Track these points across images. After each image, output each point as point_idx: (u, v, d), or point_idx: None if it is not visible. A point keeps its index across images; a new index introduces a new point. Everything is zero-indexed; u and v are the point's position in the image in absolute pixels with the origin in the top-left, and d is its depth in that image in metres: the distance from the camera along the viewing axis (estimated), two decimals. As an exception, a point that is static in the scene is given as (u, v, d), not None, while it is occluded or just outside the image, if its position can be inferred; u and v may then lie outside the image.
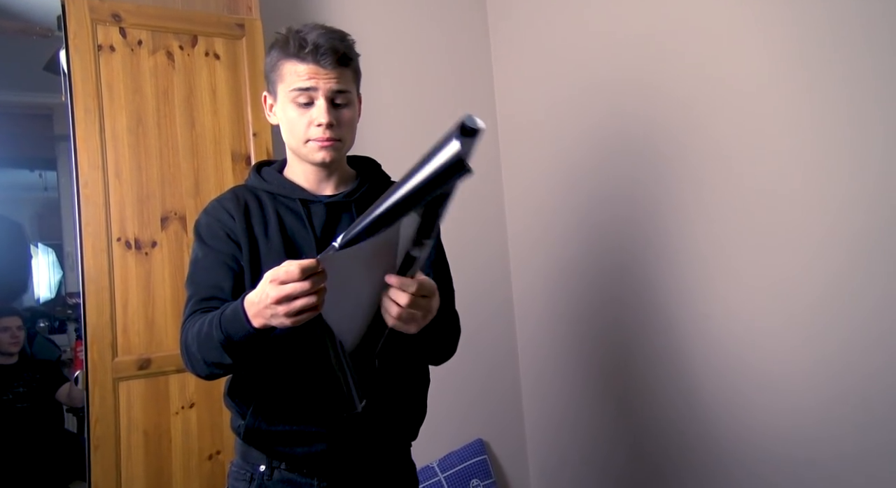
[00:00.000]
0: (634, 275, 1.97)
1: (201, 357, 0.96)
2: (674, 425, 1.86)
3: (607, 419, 2.10)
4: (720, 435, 1.73)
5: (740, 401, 1.67)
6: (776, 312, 1.58)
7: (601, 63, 2.04)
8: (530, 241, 2.41)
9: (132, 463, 1.65)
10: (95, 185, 1.71)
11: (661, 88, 1.83)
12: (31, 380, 2.62)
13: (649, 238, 1.91)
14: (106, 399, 1.64)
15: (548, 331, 2.35)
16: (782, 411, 1.58)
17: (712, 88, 1.69)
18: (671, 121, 1.81)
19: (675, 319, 1.85)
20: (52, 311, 3.12)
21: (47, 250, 3.54)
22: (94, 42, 1.72)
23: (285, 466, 1.07)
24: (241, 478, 1.10)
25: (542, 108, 2.31)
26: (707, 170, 1.73)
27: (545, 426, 2.38)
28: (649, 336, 1.92)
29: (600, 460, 2.13)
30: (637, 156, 1.93)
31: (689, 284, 1.80)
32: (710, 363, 1.75)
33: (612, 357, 2.08)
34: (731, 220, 1.67)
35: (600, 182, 2.07)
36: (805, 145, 1.51)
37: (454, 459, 2.27)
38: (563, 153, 2.22)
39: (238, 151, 1.89)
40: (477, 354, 2.39)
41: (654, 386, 1.91)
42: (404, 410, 1.15)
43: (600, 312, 2.11)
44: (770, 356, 1.60)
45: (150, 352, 1.71)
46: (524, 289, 2.45)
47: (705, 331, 1.76)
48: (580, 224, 2.17)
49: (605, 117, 2.04)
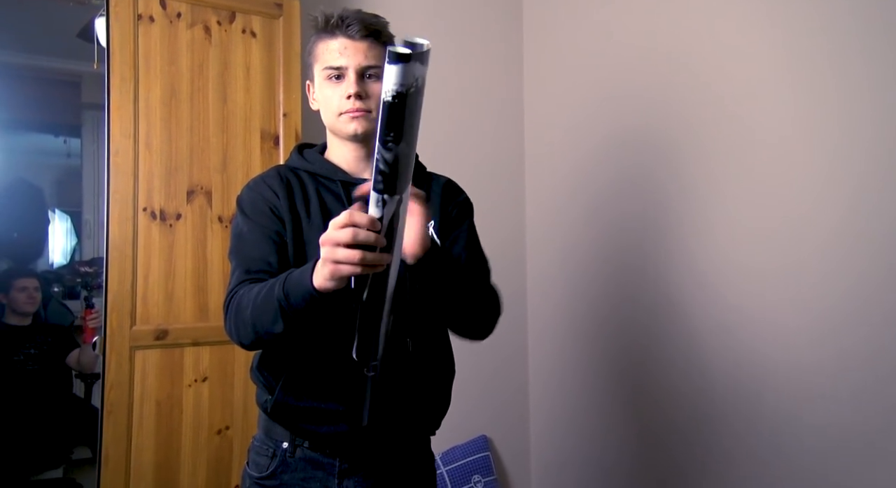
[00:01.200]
0: (648, 274, 1.97)
1: (252, 322, 0.96)
2: (682, 431, 1.86)
3: (614, 422, 2.10)
4: (731, 445, 1.73)
5: (756, 407, 1.67)
6: (794, 312, 1.58)
7: (627, 72, 2.04)
8: (546, 239, 2.41)
9: (143, 432, 1.66)
10: (126, 154, 1.71)
11: (683, 95, 1.83)
12: (43, 344, 2.64)
13: (663, 238, 1.91)
14: (122, 366, 1.65)
15: (559, 330, 2.35)
16: (800, 418, 1.57)
17: (729, 93, 1.69)
18: (691, 125, 1.81)
19: (688, 321, 1.85)
20: (63, 278, 3.15)
21: (64, 216, 3.56)
22: (135, 11, 1.73)
23: (308, 444, 1.08)
24: (263, 454, 1.11)
25: (566, 112, 2.31)
26: (723, 171, 1.73)
27: (550, 426, 2.39)
28: (662, 338, 1.92)
29: (605, 463, 2.13)
30: (653, 157, 1.93)
31: (704, 285, 1.80)
32: (723, 367, 1.75)
33: (623, 358, 2.08)
34: (748, 220, 1.68)
35: (614, 182, 2.07)
36: (822, 146, 1.51)
37: (457, 454, 2.28)
38: (582, 155, 2.22)
39: (267, 130, 1.90)
40: (486, 350, 2.39)
41: (665, 389, 1.91)
42: (429, 400, 1.15)
43: (613, 312, 2.11)
44: (789, 358, 1.60)
45: (167, 324, 1.72)
46: (537, 285, 2.45)
47: (719, 333, 1.76)
48: (595, 223, 2.17)
49: (625, 122, 2.04)
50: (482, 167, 2.44)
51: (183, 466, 1.70)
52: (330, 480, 1.07)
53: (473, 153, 2.43)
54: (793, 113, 1.59)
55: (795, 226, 1.58)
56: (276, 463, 1.08)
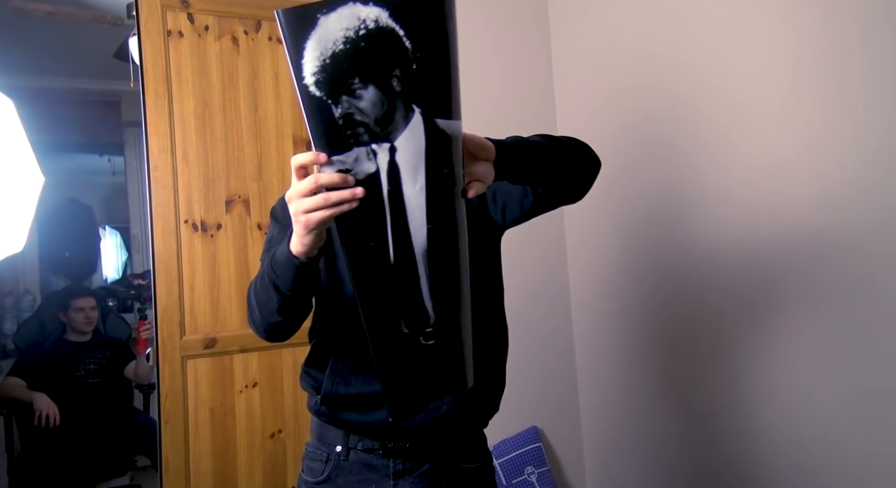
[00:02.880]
0: (702, 268, 1.91)
1: (258, 307, 0.96)
2: (742, 434, 1.79)
3: (667, 420, 2.05)
4: (791, 437, 1.67)
5: (827, 423, 1.60)
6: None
7: (660, 67, 1.98)
8: (588, 232, 2.37)
9: (199, 440, 1.70)
10: (165, 169, 1.75)
11: (718, 91, 1.77)
12: (102, 358, 2.73)
13: (708, 221, 1.85)
14: (175, 376, 1.69)
15: (604, 323, 2.31)
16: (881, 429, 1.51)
17: (762, 66, 1.62)
18: (721, 120, 1.75)
19: (749, 317, 1.78)
20: (117, 292, 3.26)
21: (114, 233, 3.69)
22: (164, 28, 1.76)
23: (361, 446, 1.07)
24: (316, 459, 1.10)
25: (601, 104, 2.26)
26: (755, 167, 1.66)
27: (602, 415, 2.35)
28: (718, 334, 1.86)
29: (659, 460, 2.08)
30: (694, 152, 1.87)
31: (767, 278, 1.74)
32: (793, 371, 1.68)
33: (675, 354, 2.03)
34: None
35: (658, 175, 2.02)
36: (856, 148, 1.43)
37: (508, 446, 2.27)
38: (621, 148, 2.16)
39: (299, 135, 1.92)
40: (531, 340, 2.37)
41: (723, 388, 1.85)
42: (486, 380, 1.09)
43: (661, 307, 2.06)
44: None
45: (215, 332, 1.75)
46: (580, 274, 2.41)
47: (789, 332, 1.69)
48: (639, 215, 2.12)
49: (661, 116, 1.98)
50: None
51: (240, 471, 1.73)
52: (385, 481, 1.06)
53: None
54: (815, 114, 1.51)
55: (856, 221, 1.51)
56: (330, 468, 1.08)
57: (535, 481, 2.23)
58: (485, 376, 1.08)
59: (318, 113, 0.78)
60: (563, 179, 0.99)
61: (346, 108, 0.76)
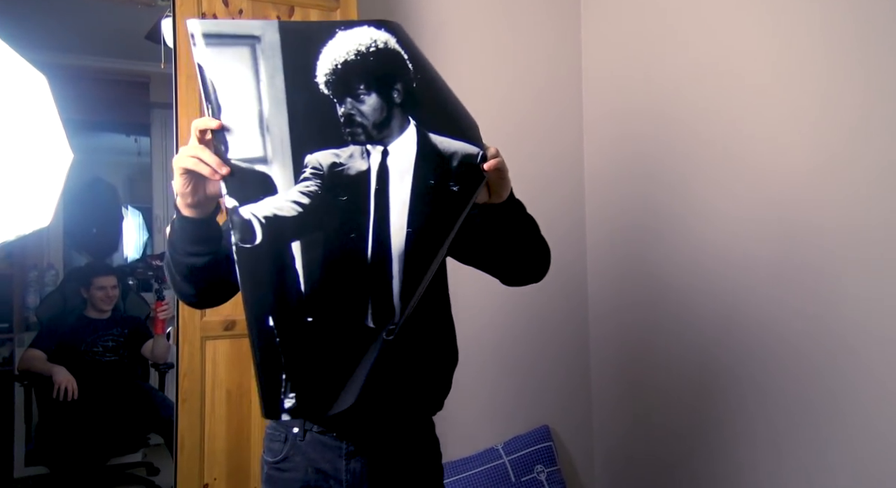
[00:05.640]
0: (719, 271, 1.89)
1: (170, 275, 1.06)
2: (754, 437, 1.78)
3: (679, 424, 2.04)
4: (805, 439, 1.65)
5: (836, 398, 1.59)
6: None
7: (686, 63, 1.96)
8: (607, 233, 2.36)
9: (215, 420, 1.71)
10: (193, 150, 1.76)
11: (740, 89, 1.75)
12: (120, 335, 2.77)
13: (727, 223, 1.83)
14: (194, 356, 1.70)
15: (621, 324, 2.30)
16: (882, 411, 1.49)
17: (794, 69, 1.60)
18: (741, 119, 1.73)
19: (770, 319, 1.77)
20: (136, 271, 3.29)
21: (136, 213, 3.72)
22: (199, 10, 1.77)
23: (316, 428, 1.12)
24: (275, 440, 1.17)
25: (628, 103, 2.24)
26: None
27: (614, 416, 2.34)
28: (735, 338, 1.85)
29: (670, 455, 2.07)
30: (718, 151, 1.85)
31: (787, 280, 1.72)
32: (818, 372, 1.67)
33: (689, 357, 2.01)
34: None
35: (678, 173, 2.00)
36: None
37: (519, 443, 2.26)
38: (645, 143, 2.15)
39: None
40: (545, 338, 2.37)
41: (741, 393, 1.84)
42: (426, 384, 1.17)
43: (677, 310, 2.04)
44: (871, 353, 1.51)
45: (234, 314, 1.76)
46: (597, 273, 2.40)
47: (809, 333, 1.67)
48: (660, 216, 2.10)
49: (686, 114, 1.96)
50: (540, 157, 2.40)
51: (254, 452, 1.74)
52: (338, 461, 1.12)
53: (531, 145, 2.40)
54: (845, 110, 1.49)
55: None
56: (287, 447, 1.14)
57: (544, 480, 2.23)
58: (429, 381, 1.17)
59: (321, 109, 0.86)
60: (528, 246, 1.13)
61: (349, 109, 0.88)
